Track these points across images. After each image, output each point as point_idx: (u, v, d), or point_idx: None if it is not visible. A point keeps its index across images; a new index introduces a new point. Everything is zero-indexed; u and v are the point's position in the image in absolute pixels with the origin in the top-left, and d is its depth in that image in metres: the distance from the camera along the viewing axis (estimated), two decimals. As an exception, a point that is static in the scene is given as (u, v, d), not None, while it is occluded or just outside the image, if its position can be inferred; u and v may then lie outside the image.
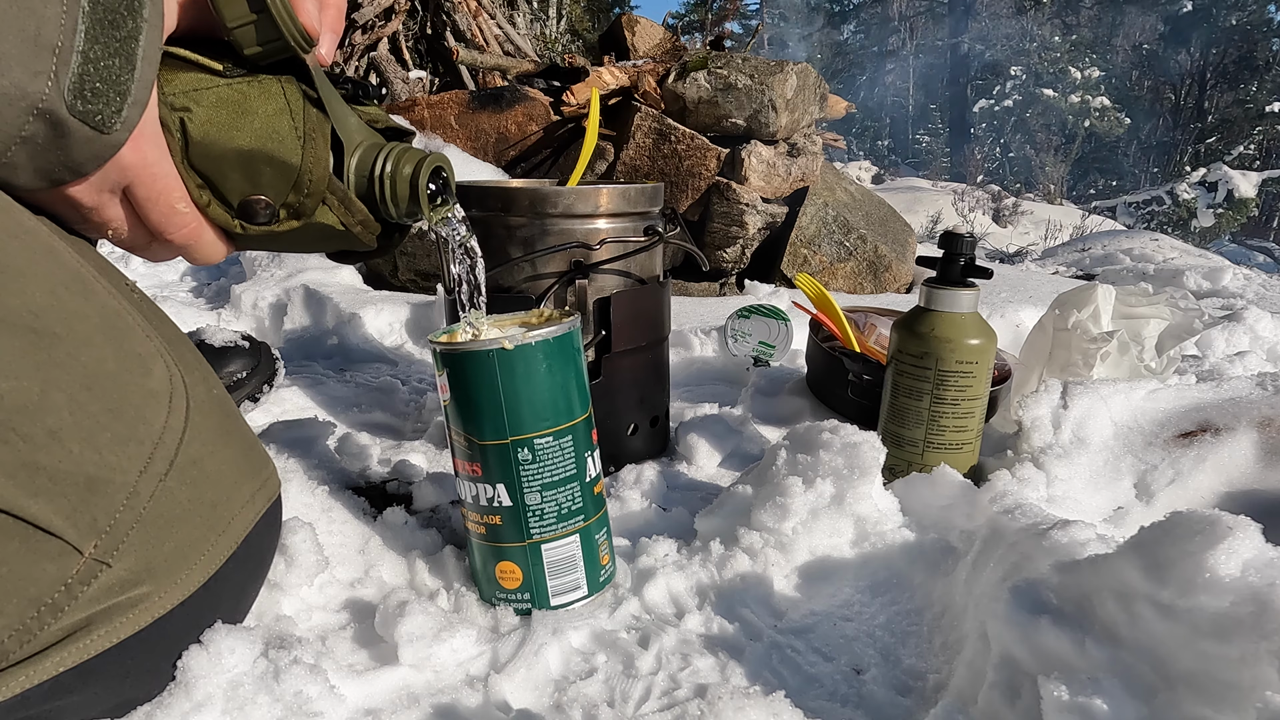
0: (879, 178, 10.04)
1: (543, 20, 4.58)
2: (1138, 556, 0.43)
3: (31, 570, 0.37)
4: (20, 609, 0.37)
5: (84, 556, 0.38)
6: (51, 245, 0.40)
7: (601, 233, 0.79)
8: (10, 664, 0.37)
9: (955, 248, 0.74)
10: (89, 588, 0.38)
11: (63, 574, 0.38)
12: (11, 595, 0.36)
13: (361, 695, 0.50)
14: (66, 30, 0.36)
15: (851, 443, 0.66)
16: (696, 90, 1.99)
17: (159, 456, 0.41)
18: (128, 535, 0.40)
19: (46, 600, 0.37)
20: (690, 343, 1.29)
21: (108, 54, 0.38)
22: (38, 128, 0.37)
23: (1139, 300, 0.98)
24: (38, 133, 0.37)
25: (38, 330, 0.37)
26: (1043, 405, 0.78)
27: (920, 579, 0.62)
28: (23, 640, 0.37)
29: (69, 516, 0.37)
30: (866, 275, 2.09)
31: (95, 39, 0.37)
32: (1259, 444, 0.74)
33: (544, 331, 0.55)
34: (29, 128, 0.37)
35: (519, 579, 0.59)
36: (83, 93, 0.37)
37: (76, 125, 0.38)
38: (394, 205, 0.50)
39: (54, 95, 0.36)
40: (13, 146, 0.37)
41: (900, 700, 0.52)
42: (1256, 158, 15.12)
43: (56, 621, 0.38)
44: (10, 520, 0.36)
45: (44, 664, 0.38)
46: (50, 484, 0.37)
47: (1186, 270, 2.66)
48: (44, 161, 0.39)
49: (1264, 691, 0.37)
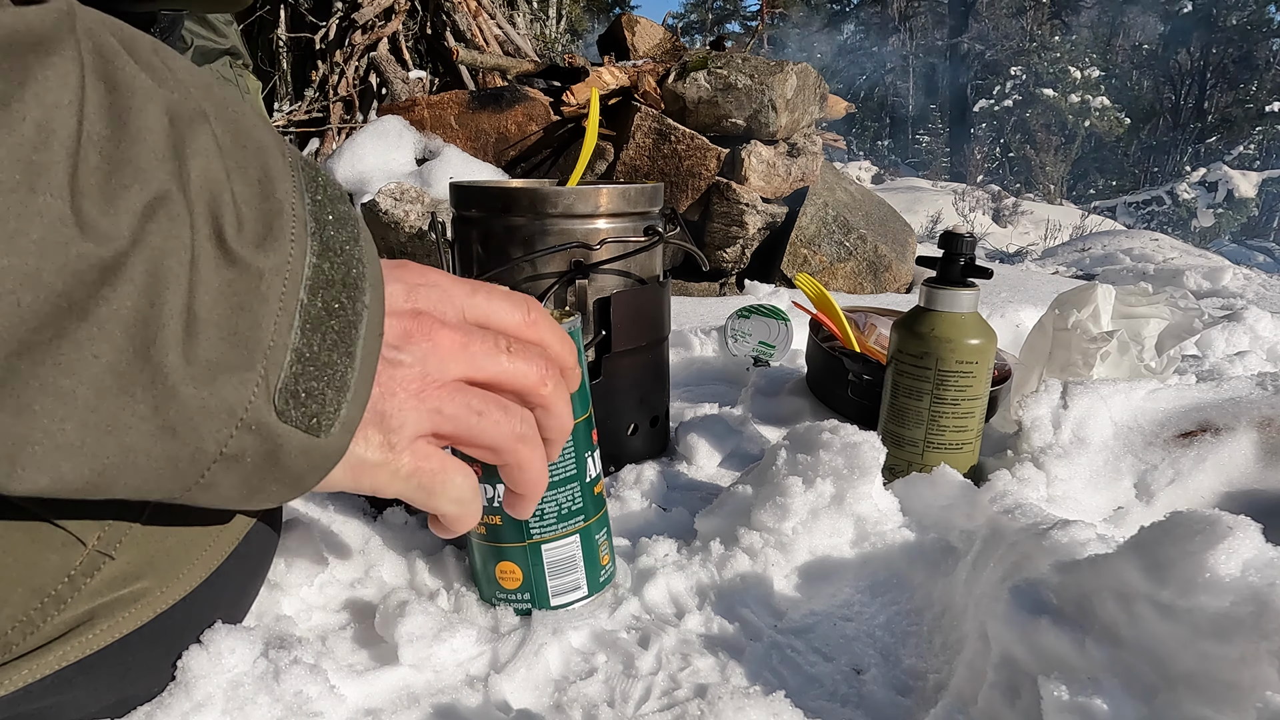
0: (879, 178, 10.04)
1: (543, 20, 4.58)
2: (1138, 556, 0.43)
3: (36, 560, 0.37)
4: (24, 599, 0.37)
5: (87, 548, 0.38)
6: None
7: (601, 233, 0.79)
8: (13, 657, 0.37)
9: (955, 248, 0.74)
10: (92, 580, 0.38)
11: (66, 565, 0.38)
12: (16, 585, 0.36)
13: (361, 695, 0.50)
14: (281, 328, 0.31)
15: (851, 443, 0.66)
16: (696, 90, 1.98)
17: None
18: (131, 527, 0.40)
19: (50, 591, 0.37)
20: (690, 343, 1.29)
21: (326, 347, 0.32)
22: (244, 442, 0.31)
23: (1139, 300, 0.98)
24: (245, 449, 0.31)
25: None
26: (1043, 405, 0.78)
27: (920, 579, 0.62)
28: (25, 632, 0.37)
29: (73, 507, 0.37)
30: (866, 275, 2.09)
31: (312, 333, 0.32)
32: (1259, 444, 0.74)
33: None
34: (233, 444, 0.31)
35: (519, 579, 0.58)
36: (295, 395, 0.32)
37: (288, 431, 0.32)
38: None
39: (261, 402, 0.31)
40: (210, 467, 0.31)
41: (900, 700, 0.52)
42: (1256, 158, 15.12)
43: (59, 614, 0.38)
44: (15, 509, 0.36)
45: (46, 658, 0.38)
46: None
47: (1186, 270, 2.66)
48: (254, 480, 0.33)
49: (1264, 691, 0.37)
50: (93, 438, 0.28)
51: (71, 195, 0.26)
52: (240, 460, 0.32)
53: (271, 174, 0.32)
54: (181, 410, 0.29)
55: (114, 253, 0.27)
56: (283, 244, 0.32)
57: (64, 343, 0.26)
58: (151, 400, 0.29)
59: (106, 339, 0.27)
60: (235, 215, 0.31)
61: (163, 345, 0.28)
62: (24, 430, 0.27)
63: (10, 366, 0.26)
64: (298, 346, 0.32)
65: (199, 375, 0.29)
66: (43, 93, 0.26)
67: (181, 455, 0.30)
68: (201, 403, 0.30)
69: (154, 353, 0.28)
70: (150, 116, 0.29)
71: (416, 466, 0.38)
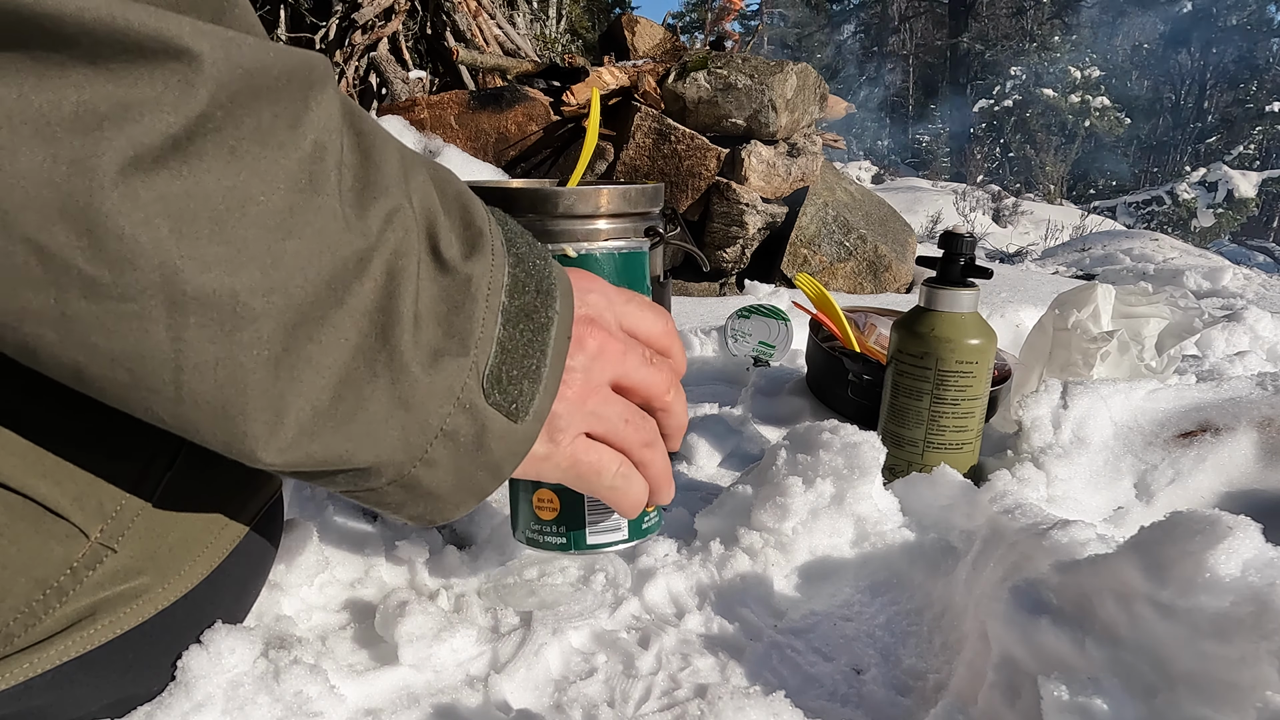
0: (879, 178, 10.03)
1: (543, 20, 4.58)
2: (1138, 556, 0.43)
3: (39, 550, 0.37)
4: (27, 590, 0.37)
5: (90, 540, 0.38)
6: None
7: (602, 233, 0.79)
8: (14, 650, 0.37)
9: (955, 248, 0.74)
10: (94, 573, 0.39)
11: (69, 556, 0.38)
12: (19, 575, 0.37)
13: (361, 695, 0.50)
14: (488, 323, 0.36)
15: (851, 443, 0.66)
16: (696, 90, 1.99)
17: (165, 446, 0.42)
18: (133, 521, 0.40)
19: (53, 583, 0.38)
20: (690, 343, 1.29)
21: (523, 343, 0.37)
22: (459, 420, 0.36)
23: (1139, 300, 0.98)
24: (460, 427, 0.36)
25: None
26: (1043, 405, 0.78)
27: (920, 579, 0.62)
28: (27, 624, 0.37)
29: (77, 499, 0.38)
30: (866, 275, 2.09)
31: (513, 329, 0.37)
32: (1259, 444, 0.74)
33: (612, 245, 0.50)
34: (451, 420, 0.36)
35: (556, 508, 0.53)
36: (499, 381, 0.37)
37: (492, 414, 0.37)
38: None
39: (473, 385, 0.36)
40: (429, 443, 0.36)
41: (900, 700, 0.52)
42: (1256, 158, 15.13)
43: (61, 606, 0.38)
44: (20, 500, 0.36)
45: (48, 652, 0.38)
46: (58, 467, 0.37)
47: (1186, 270, 2.66)
48: (466, 462, 0.37)
49: (1264, 691, 0.37)
50: (344, 408, 0.33)
51: (339, 200, 0.31)
52: (455, 439, 0.36)
53: (470, 209, 0.38)
54: (413, 387, 0.34)
55: (366, 247, 0.32)
56: (485, 256, 0.37)
57: (325, 323, 0.31)
58: (389, 377, 0.33)
59: (355, 324, 0.32)
60: (447, 234, 0.36)
61: (398, 332, 0.33)
62: (292, 396, 0.31)
63: (290, 336, 0.30)
64: (501, 339, 0.37)
65: (425, 359, 0.34)
66: (319, 119, 0.31)
67: (411, 427, 0.35)
68: (429, 381, 0.34)
69: (391, 338, 0.33)
70: (388, 153, 0.34)
71: (575, 459, 0.42)
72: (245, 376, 0.30)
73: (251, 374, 0.30)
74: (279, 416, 0.31)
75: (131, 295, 0.27)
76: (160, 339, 0.28)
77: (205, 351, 0.29)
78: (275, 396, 0.31)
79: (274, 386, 0.30)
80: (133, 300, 0.27)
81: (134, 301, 0.27)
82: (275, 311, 0.30)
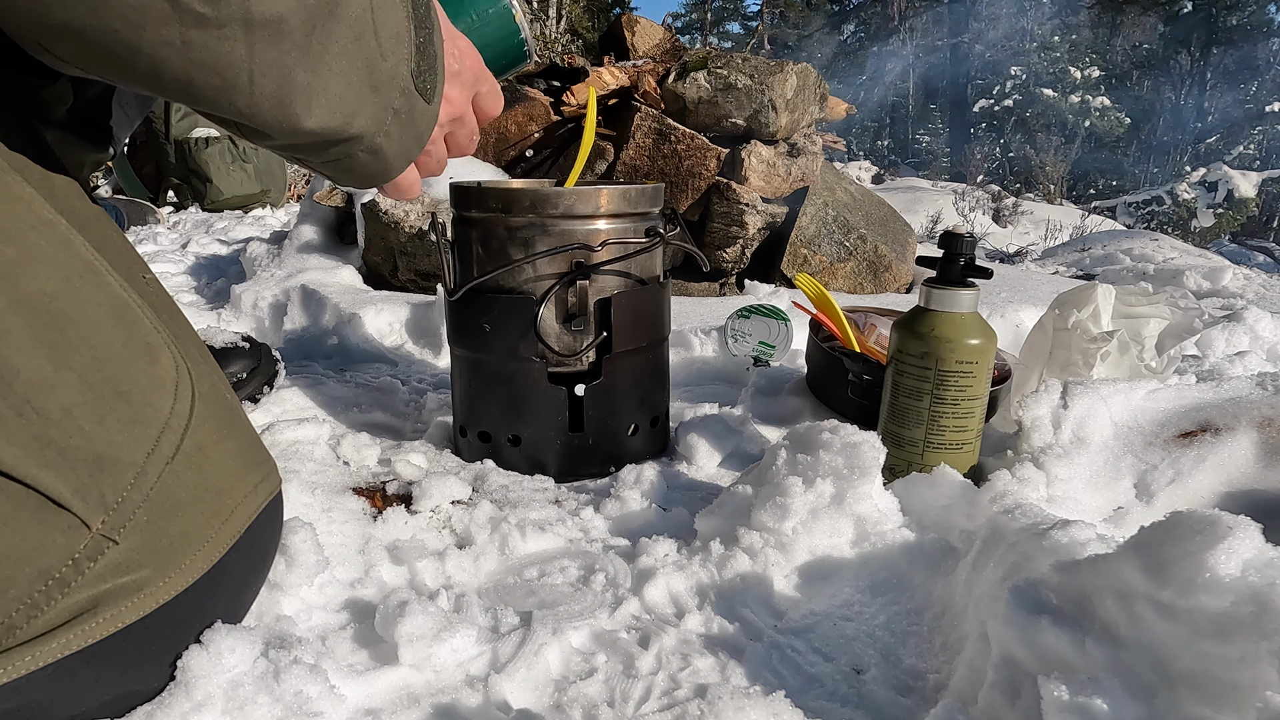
0: (879, 178, 10.02)
1: (542, 20, 4.58)
2: (1138, 556, 0.43)
3: (42, 540, 0.37)
4: (30, 580, 0.37)
5: (91, 531, 0.39)
6: (68, 237, 0.42)
7: (602, 233, 0.79)
8: (17, 642, 0.37)
9: (955, 248, 0.74)
10: (95, 564, 0.39)
11: (71, 547, 0.38)
12: (23, 564, 0.37)
13: (361, 695, 0.50)
14: (409, 29, 0.48)
15: (851, 443, 0.66)
16: (696, 90, 1.99)
17: (165, 440, 0.43)
18: (134, 514, 0.40)
19: (55, 574, 0.38)
20: (690, 343, 1.29)
21: (426, 43, 0.50)
22: (404, 102, 0.49)
23: (1139, 300, 0.98)
24: (403, 107, 0.49)
25: (52, 313, 0.39)
26: (1043, 405, 0.78)
27: (920, 579, 0.62)
28: (30, 615, 0.37)
29: (78, 490, 0.38)
30: (866, 275, 2.09)
31: (419, 33, 0.49)
32: (1259, 444, 0.74)
33: None
34: (399, 101, 0.49)
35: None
36: (418, 73, 0.50)
37: (416, 98, 0.50)
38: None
39: (408, 77, 0.49)
40: (388, 118, 0.49)
41: (900, 700, 0.52)
42: (1256, 158, 15.13)
43: (63, 598, 0.38)
44: (23, 490, 0.37)
45: (49, 645, 0.38)
46: (61, 458, 0.38)
47: (1186, 270, 2.65)
48: (405, 133, 0.51)
49: (1264, 691, 0.37)
50: (348, 92, 0.45)
51: None
52: (400, 115, 0.50)
53: None
54: (381, 75, 0.47)
55: None
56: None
57: (329, 28, 0.42)
58: (367, 68, 0.46)
59: (348, 28, 0.44)
60: None
61: (371, 36, 0.45)
62: (319, 84, 0.44)
63: (309, 37, 0.42)
64: (418, 43, 0.49)
65: (386, 54, 0.47)
66: None
67: (380, 105, 0.48)
68: (389, 71, 0.47)
69: (366, 40, 0.45)
70: None
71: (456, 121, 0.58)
72: (291, 73, 0.42)
73: (293, 71, 0.42)
74: (311, 98, 0.44)
75: (224, 23, 0.38)
76: (241, 54, 0.40)
77: (267, 56, 0.41)
78: (308, 85, 0.43)
79: (308, 79, 0.43)
80: (225, 27, 0.38)
81: (226, 28, 0.38)
82: (299, 24, 0.41)
